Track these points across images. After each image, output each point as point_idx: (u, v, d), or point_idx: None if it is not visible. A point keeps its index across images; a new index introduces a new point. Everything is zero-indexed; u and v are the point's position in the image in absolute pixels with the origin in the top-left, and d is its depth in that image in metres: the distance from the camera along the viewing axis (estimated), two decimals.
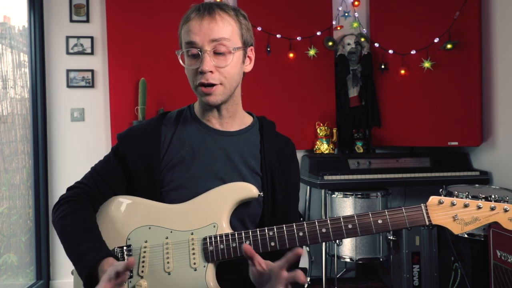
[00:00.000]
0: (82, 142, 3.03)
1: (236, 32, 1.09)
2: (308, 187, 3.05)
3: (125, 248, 1.06)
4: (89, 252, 1.01)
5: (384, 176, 2.74)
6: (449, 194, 1.04)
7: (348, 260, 2.68)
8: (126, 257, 1.05)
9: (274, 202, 1.15)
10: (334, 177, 2.69)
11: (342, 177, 2.71)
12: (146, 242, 1.07)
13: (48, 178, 3.00)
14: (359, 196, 2.65)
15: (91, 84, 3.03)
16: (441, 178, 2.73)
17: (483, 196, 1.02)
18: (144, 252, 1.06)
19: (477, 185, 2.67)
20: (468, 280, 2.42)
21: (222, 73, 1.07)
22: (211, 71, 1.06)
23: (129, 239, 1.07)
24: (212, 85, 1.07)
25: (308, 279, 3.01)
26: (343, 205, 2.69)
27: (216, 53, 1.06)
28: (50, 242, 3.00)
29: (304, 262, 2.94)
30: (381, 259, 2.68)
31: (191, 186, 1.11)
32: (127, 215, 1.10)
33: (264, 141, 1.18)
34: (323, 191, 2.83)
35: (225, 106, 1.15)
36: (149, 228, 1.07)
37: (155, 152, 1.13)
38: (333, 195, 2.73)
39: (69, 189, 1.16)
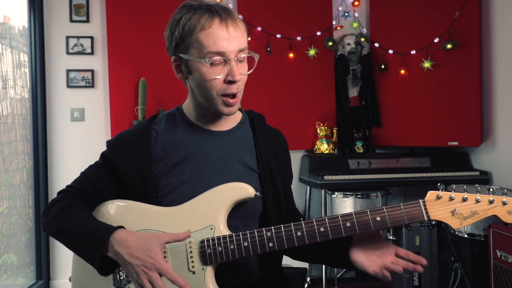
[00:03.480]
0: (82, 142, 3.03)
1: (246, 38, 1.09)
2: (308, 187, 3.04)
3: None
4: (99, 229, 1.00)
5: (384, 176, 2.74)
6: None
7: None
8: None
9: (276, 197, 1.14)
10: (334, 177, 2.69)
11: (342, 177, 2.70)
12: None
13: (48, 178, 3.00)
14: (359, 196, 2.65)
15: (91, 84, 3.03)
16: (441, 178, 2.73)
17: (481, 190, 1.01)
18: None
19: (477, 185, 2.67)
20: (468, 280, 2.42)
21: (242, 80, 1.06)
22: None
23: None
24: (235, 95, 1.05)
25: (308, 279, 3.01)
26: (343, 205, 2.68)
27: (238, 60, 1.04)
28: (50, 242, 2.99)
29: (304, 262, 2.94)
30: None
31: (187, 188, 1.09)
32: (121, 219, 1.07)
33: (257, 135, 1.17)
34: (323, 191, 2.83)
35: None
36: (146, 231, 1.05)
37: (145, 156, 1.11)
38: (333, 195, 2.73)
39: (59, 192, 1.15)
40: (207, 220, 1.05)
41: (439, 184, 1.07)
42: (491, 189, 1.01)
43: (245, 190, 1.06)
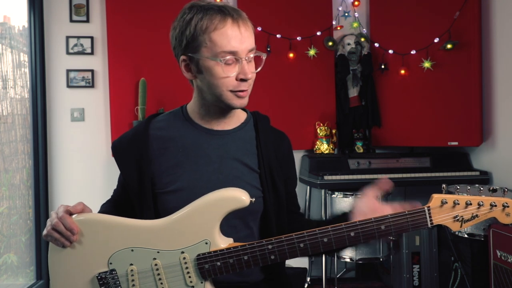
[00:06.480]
0: (82, 142, 3.03)
1: (254, 38, 1.12)
2: (308, 187, 3.04)
3: (108, 273, 1.00)
4: None
5: (384, 176, 2.73)
6: (450, 194, 1.04)
7: (348, 260, 2.68)
8: (112, 283, 1.00)
9: (277, 198, 1.14)
10: (334, 177, 2.69)
11: (342, 177, 2.70)
12: (131, 265, 1.00)
13: (48, 178, 2.99)
14: (359, 196, 2.65)
15: (91, 84, 3.03)
16: (441, 178, 2.73)
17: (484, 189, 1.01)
18: (132, 275, 1.00)
19: (477, 185, 2.67)
20: (468, 280, 2.42)
21: (252, 78, 1.09)
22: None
23: (111, 264, 1.01)
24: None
25: (308, 279, 3.01)
26: (343, 205, 2.68)
27: (248, 60, 1.07)
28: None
29: (304, 262, 2.94)
30: (381, 259, 2.68)
31: (188, 188, 1.09)
32: (104, 237, 1.01)
33: (260, 136, 1.18)
34: (323, 191, 2.83)
35: None
36: (132, 250, 1.00)
37: (143, 153, 1.12)
38: (333, 195, 2.73)
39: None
40: (200, 234, 1.00)
41: (443, 185, 1.07)
42: (493, 188, 1.02)
43: (239, 201, 0.99)
